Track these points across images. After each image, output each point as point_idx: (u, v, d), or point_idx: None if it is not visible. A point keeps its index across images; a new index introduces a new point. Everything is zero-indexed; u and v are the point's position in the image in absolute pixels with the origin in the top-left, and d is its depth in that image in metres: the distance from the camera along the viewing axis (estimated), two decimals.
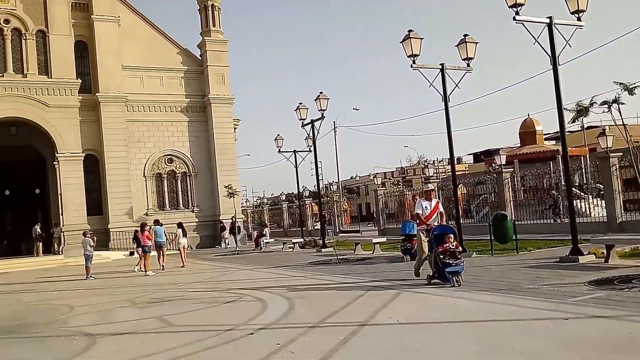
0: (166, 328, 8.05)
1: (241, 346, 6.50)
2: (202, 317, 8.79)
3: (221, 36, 32.90)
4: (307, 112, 22.37)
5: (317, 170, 23.09)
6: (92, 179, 29.33)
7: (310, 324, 7.23)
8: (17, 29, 26.00)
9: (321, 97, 21.04)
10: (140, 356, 6.31)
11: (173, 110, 31.75)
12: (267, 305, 9.23)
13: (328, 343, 6.10)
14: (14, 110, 25.56)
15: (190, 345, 6.60)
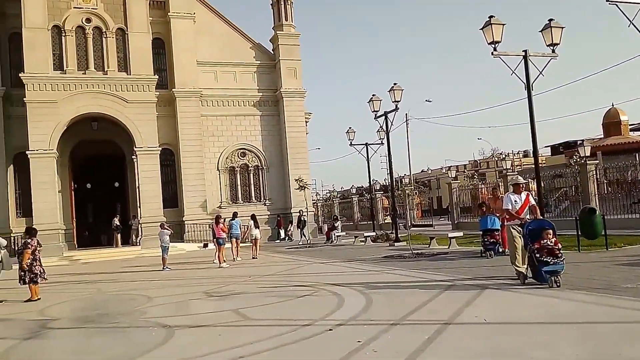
0: (242, 321, 7.87)
1: (320, 343, 6.19)
2: (277, 311, 8.56)
3: (293, 30, 32.89)
4: (380, 103, 21.86)
5: (390, 163, 22.52)
6: (168, 172, 30.20)
7: (390, 321, 6.85)
8: (98, 28, 27.08)
9: (395, 89, 20.48)
10: (218, 350, 6.13)
11: (246, 104, 32.11)
12: (343, 300, 8.89)
13: (412, 342, 5.73)
14: (96, 106, 26.65)
15: (268, 341, 6.36)
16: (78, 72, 26.51)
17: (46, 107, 25.55)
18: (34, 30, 25.73)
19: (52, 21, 26.16)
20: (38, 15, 25.84)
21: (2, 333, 8.39)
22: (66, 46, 26.36)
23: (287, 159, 32.15)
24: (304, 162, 32.65)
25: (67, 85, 26.09)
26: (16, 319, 9.47)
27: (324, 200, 70.35)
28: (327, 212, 52.01)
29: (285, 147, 32.33)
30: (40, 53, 25.78)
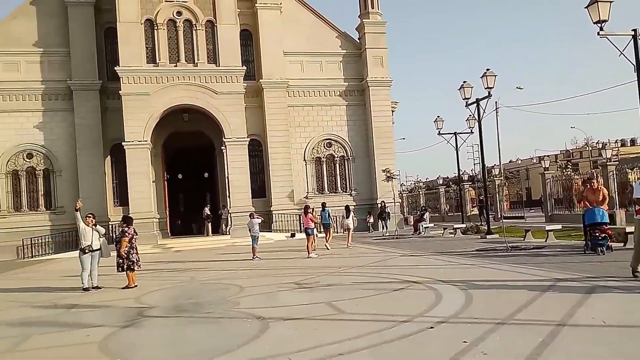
0: (337, 315, 7.45)
1: (422, 342, 5.69)
2: (372, 304, 8.08)
3: (379, 18, 32.10)
4: (471, 90, 20.73)
5: (482, 152, 21.30)
6: (256, 162, 30.55)
7: (496, 320, 6.25)
8: (188, 21, 27.75)
9: (488, 74, 19.36)
10: (315, 346, 5.75)
11: (332, 94, 31.79)
12: (441, 295, 8.31)
13: (524, 345, 5.16)
14: (186, 97, 27.35)
15: (366, 337, 5.93)
16: (170, 64, 27.33)
17: (140, 99, 26.54)
18: (127, 24, 26.76)
19: (145, 15, 27.10)
20: (131, 10, 26.85)
21: (101, 320, 8.52)
22: (158, 39, 27.24)
23: (373, 149, 31.55)
24: (390, 152, 31.89)
25: (159, 77, 26.97)
26: (114, 306, 9.67)
27: (409, 191, 69.17)
28: (412, 203, 50.97)
29: (371, 137, 31.73)
30: (134, 47, 26.79)
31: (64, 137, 28.40)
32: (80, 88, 28.23)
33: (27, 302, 10.66)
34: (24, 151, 28.13)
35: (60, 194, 28.29)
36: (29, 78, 28.20)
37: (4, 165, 27.86)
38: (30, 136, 28.15)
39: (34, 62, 28.40)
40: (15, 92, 27.97)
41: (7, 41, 28.08)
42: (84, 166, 28.06)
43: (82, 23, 28.38)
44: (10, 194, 27.95)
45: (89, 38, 28.46)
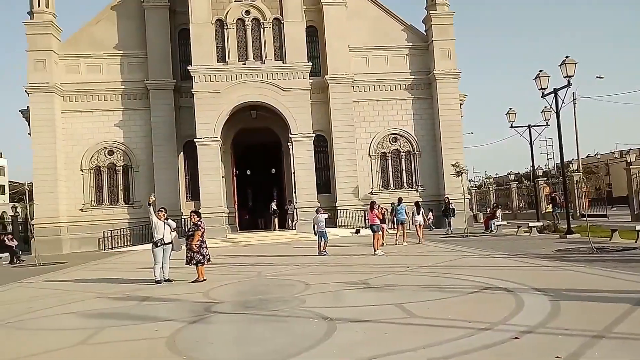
0: (408, 319, 7.17)
1: (508, 354, 5.26)
2: (445, 308, 7.71)
3: (447, 9, 31.19)
4: (548, 80, 19.61)
5: (560, 146, 20.06)
6: (321, 158, 30.57)
7: (592, 333, 5.69)
8: (256, 19, 28.11)
9: (567, 62, 18.22)
10: (387, 353, 5.50)
11: (397, 88, 31.25)
12: (522, 301, 7.75)
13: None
14: (255, 94, 27.75)
15: (442, 346, 5.60)
16: (239, 62, 27.82)
17: (211, 97, 27.21)
18: (199, 25, 27.49)
19: (216, 15, 27.73)
20: (203, 11, 27.54)
21: (171, 314, 8.70)
22: (228, 38, 27.79)
23: (441, 143, 30.73)
24: (458, 146, 30.92)
25: (229, 75, 27.51)
26: (183, 300, 9.86)
27: (477, 187, 67.12)
28: (480, 200, 49.36)
29: (438, 132, 30.94)
30: (205, 46, 27.49)
31: (141, 135, 29.74)
32: (156, 87, 29.40)
33: (104, 294, 11.11)
34: (105, 148, 29.72)
35: (138, 188, 29.64)
36: (110, 79, 29.74)
37: (88, 162, 29.57)
38: (111, 134, 29.69)
39: (115, 63, 29.86)
40: (97, 92, 29.63)
41: (91, 44, 29.71)
42: (159, 162, 29.25)
43: (158, 25, 29.54)
44: (92, 188, 29.64)
45: (164, 40, 29.60)
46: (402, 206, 20.53)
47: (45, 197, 28.02)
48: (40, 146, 28.44)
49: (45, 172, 28.29)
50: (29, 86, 28.46)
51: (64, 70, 29.53)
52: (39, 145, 28.45)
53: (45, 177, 28.25)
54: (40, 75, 28.46)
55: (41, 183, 28.21)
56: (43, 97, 28.54)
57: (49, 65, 28.65)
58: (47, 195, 28.06)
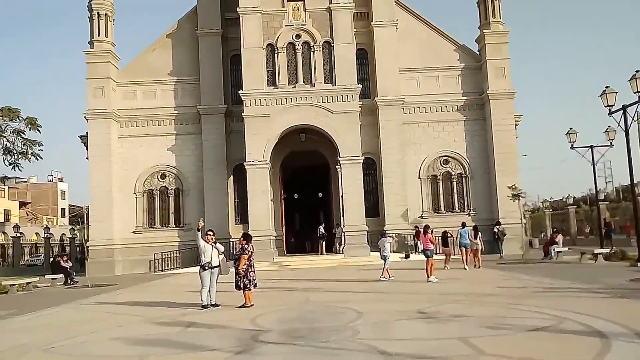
0: (478, 357, 6.46)
1: None
2: (517, 345, 6.93)
3: (501, 27, 30.34)
4: (615, 96, 18.51)
5: (630, 165, 18.60)
6: (370, 181, 30.03)
7: None
8: (306, 43, 28.16)
9: (638, 77, 17.12)
10: None
11: (449, 109, 30.49)
12: (608, 340, 6.77)
13: None
14: (304, 118, 27.65)
15: None
16: (289, 86, 27.86)
17: (261, 120, 27.31)
18: (251, 50, 27.79)
19: (267, 40, 27.96)
20: (254, 37, 27.86)
21: (216, 343, 8.35)
22: (278, 62, 27.94)
23: (494, 166, 29.61)
24: (513, 169, 29.66)
25: (279, 99, 27.58)
26: (230, 327, 9.49)
27: (531, 211, 64.64)
28: (534, 225, 47.39)
29: (491, 154, 29.88)
30: (256, 71, 27.72)
31: (192, 159, 30.20)
32: (208, 112, 29.88)
33: (150, 318, 10.91)
34: (158, 172, 30.32)
35: (188, 211, 29.98)
36: (164, 105, 30.47)
37: (141, 185, 30.21)
38: (164, 158, 30.30)
39: (169, 89, 30.62)
40: (152, 118, 30.39)
41: (146, 71, 30.62)
42: (209, 185, 29.53)
43: (211, 52, 30.15)
44: (145, 211, 30.21)
45: (216, 65, 30.14)
46: (466, 230, 20.29)
47: (100, 220, 28.73)
48: (97, 170, 29.25)
49: (101, 195, 29.03)
50: (88, 112, 29.45)
51: (121, 96, 30.45)
52: (96, 169, 29.27)
53: (101, 201, 29.00)
54: (98, 102, 29.43)
55: (97, 206, 28.95)
56: (101, 123, 29.45)
57: (107, 93, 29.61)
58: (102, 218, 28.77)
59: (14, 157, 21.50)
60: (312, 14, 28.04)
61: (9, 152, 21.51)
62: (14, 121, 21.20)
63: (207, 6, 30.37)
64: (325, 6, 27.95)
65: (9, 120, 21.17)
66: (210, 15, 30.30)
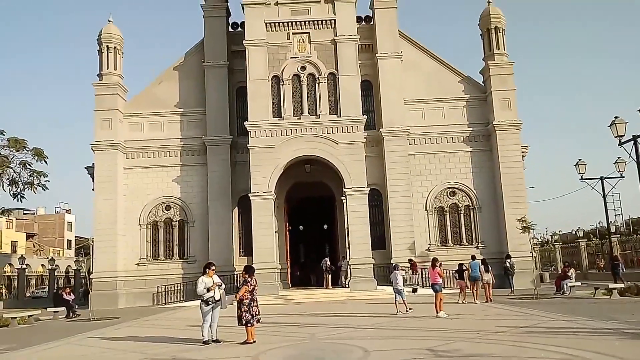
0: None
1: None
2: None
3: (506, 59, 30.50)
4: (625, 127, 18.30)
5: None
6: (375, 213, 29.74)
7: None
8: (311, 74, 28.30)
9: None
10: None
11: (454, 140, 30.41)
12: None
13: None
14: (309, 149, 27.59)
15: None
16: (294, 117, 27.90)
17: (266, 151, 27.26)
18: (256, 82, 27.96)
19: (272, 72, 28.14)
20: (260, 68, 28.05)
21: None
22: (284, 94, 28.05)
23: (502, 198, 29.32)
24: (521, 200, 29.31)
25: (284, 130, 27.57)
26: None
27: (540, 244, 63.84)
28: (543, 258, 46.71)
29: (499, 185, 29.62)
30: (261, 102, 27.82)
31: (197, 190, 30.12)
32: (213, 144, 29.92)
33: (149, 355, 10.57)
34: (163, 203, 30.22)
35: (192, 243, 29.79)
36: (170, 136, 30.61)
37: (146, 217, 30.09)
38: (169, 189, 30.24)
39: (175, 121, 30.78)
40: (158, 149, 30.48)
41: (153, 103, 30.87)
42: (213, 217, 29.34)
43: (217, 84, 30.38)
44: (149, 243, 30.02)
45: (222, 97, 30.34)
46: (477, 263, 20.08)
47: (104, 252, 28.52)
48: (102, 201, 29.18)
49: (106, 226, 28.89)
50: (95, 144, 29.55)
51: (127, 128, 30.59)
52: (101, 200, 29.20)
53: (106, 232, 28.84)
54: (105, 133, 29.57)
55: (101, 237, 28.76)
56: (107, 154, 29.53)
57: (114, 124, 29.76)
58: (106, 250, 28.57)
59: (20, 188, 21.49)
60: (317, 46, 28.30)
61: (15, 183, 21.51)
62: (21, 152, 21.27)
63: (214, 39, 30.77)
64: (330, 38, 28.23)
65: (15, 151, 21.24)
66: (217, 48, 30.64)
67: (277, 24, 28.34)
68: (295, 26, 28.36)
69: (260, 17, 28.28)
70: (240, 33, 30.09)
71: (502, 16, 30.75)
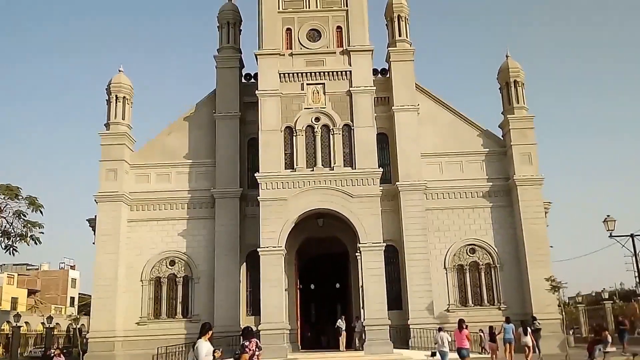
0: None
1: None
2: None
3: (525, 112, 29.87)
4: None
5: None
6: (391, 270, 28.32)
7: None
8: (326, 125, 27.54)
9: None
10: None
11: (474, 195, 29.34)
12: None
13: None
14: (322, 202, 26.49)
15: None
16: (307, 169, 26.97)
17: (277, 204, 26.18)
18: (269, 132, 27.23)
19: (285, 123, 27.44)
20: (273, 119, 27.39)
21: None
22: (297, 145, 27.24)
23: (525, 256, 28.00)
24: (545, 259, 27.98)
25: (296, 182, 26.60)
26: None
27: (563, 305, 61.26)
28: (569, 320, 44.39)
29: (521, 243, 28.33)
30: (273, 153, 26.98)
31: (204, 244, 28.96)
32: (222, 196, 28.98)
33: None
34: (167, 258, 28.99)
35: (197, 301, 28.39)
36: (177, 188, 29.73)
37: (149, 272, 28.80)
38: (174, 243, 29.07)
39: (183, 172, 29.98)
40: (164, 201, 29.54)
41: (162, 154, 30.21)
42: (220, 273, 28.07)
43: (228, 135, 29.73)
44: (151, 300, 28.60)
45: (233, 148, 29.60)
46: (511, 325, 19.66)
47: (103, 310, 27.23)
48: (103, 256, 28.03)
49: (106, 282, 27.67)
50: (99, 195, 28.68)
51: (133, 179, 29.77)
52: (102, 254, 28.05)
53: (105, 289, 27.60)
54: (110, 185, 28.72)
55: (100, 294, 27.55)
56: (111, 206, 28.57)
57: (120, 175, 28.95)
58: (105, 308, 27.29)
59: (12, 240, 20.22)
60: (331, 97, 27.73)
61: (7, 235, 20.27)
62: (15, 200, 20.19)
63: (227, 90, 30.35)
64: (345, 89, 27.68)
65: (8, 199, 20.16)
66: (229, 99, 30.18)
67: (291, 75, 27.91)
68: (310, 77, 27.91)
69: (274, 67, 27.92)
70: (253, 84, 29.70)
71: (520, 70, 30.45)
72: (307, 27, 28.57)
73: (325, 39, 28.37)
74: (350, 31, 28.36)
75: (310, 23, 28.63)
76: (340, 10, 28.76)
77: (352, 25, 28.41)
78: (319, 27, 28.56)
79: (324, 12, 28.77)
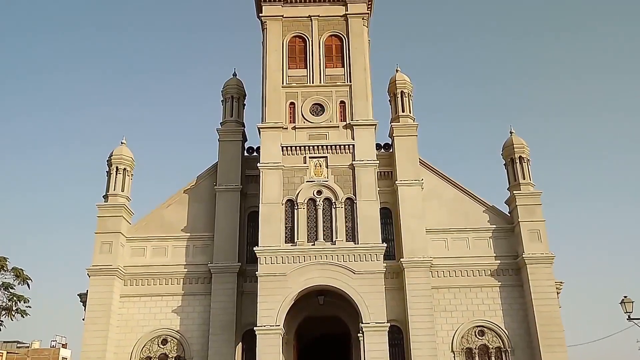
0: None
1: None
2: None
3: (532, 189, 29.24)
4: None
5: None
6: (395, 353, 26.73)
7: None
8: (328, 199, 26.90)
9: None
10: None
11: (482, 274, 28.18)
12: None
13: None
14: (323, 278, 25.40)
15: None
16: (307, 243, 26.09)
17: (276, 280, 25.12)
18: (269, 205, 26.60)
19: (287, 196, 26.86)
20: (274, 191, 26.84)
21: None
22: (298, 218, 26.49)
23: (537, 339, 26.42)
24: (560, 343, 26.50)
25: (296, 257, 25.64)
26: None
27: None
28: None
29: (533, 325, 26.88)
30: (273, 227, 26.20)
31: (198, 322, 27.67)
32: (220, 271, 27.94)
33: None
34: (159, 337, 27.62)
35: None
36: (174, 262, 28.72)
37: (139, 352, 27.33)
38: (167, 320, 27.78)
39: (180, 246, 29.07)
40: (159, 276, 28.46)
41: (160, 227, 29.46)
42: (214, 353, 26.59)
43: (228, 208, 29.06)
44: None
45: (232, 222, 28.85)
46: None
47: None
48: (92, 333, 26.69)
49: None
50: (92, 269, 27.66)
51: (129, 252, 28.85)
52: (91, 332, 26.74)
53: None
54: (104, 258, 27.77)
55: None
56: (103, 281, 27.50)
57: (115, 248, 28.04)
58: None
59: None
60: (334, 171, 27.34)
61: None
62: (0, 272, 19.23)
63: (229, 163, 29.98)
64: (348, 163, 27.35)
65: None
66: (231, 172, 29.75)
67: (293, 148, 27.70)
68: (313, 150, 27.66)
69: (276, 140, 27.75)
70: (256, 157, 29.46)
71: (525, 146, 30.12)
72: (310, 102, 28.71)
73: (328, 113, 28.41)
74: (353, 106, 28.45)
75: (314, 97, 28.80)
76: (343, 85, 29.03)
77: (356, 100, 28.54)
78: (322, 101, 28.70)
79: (328, 87, 29.04)
